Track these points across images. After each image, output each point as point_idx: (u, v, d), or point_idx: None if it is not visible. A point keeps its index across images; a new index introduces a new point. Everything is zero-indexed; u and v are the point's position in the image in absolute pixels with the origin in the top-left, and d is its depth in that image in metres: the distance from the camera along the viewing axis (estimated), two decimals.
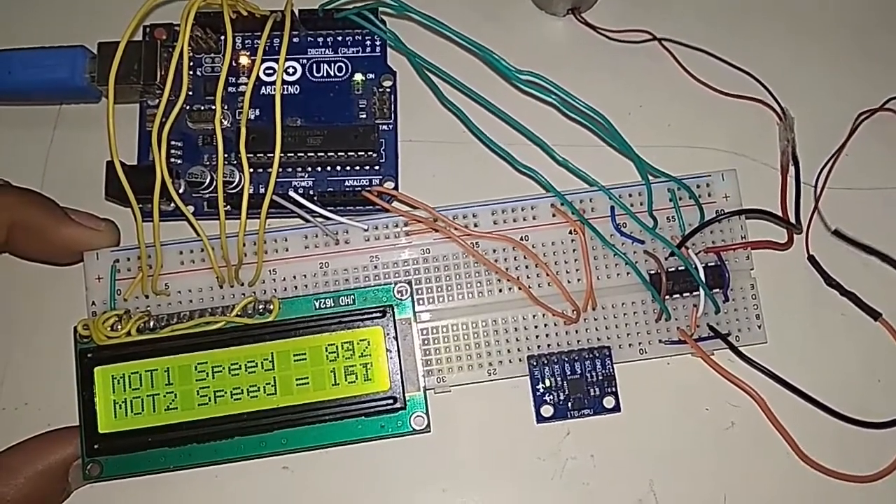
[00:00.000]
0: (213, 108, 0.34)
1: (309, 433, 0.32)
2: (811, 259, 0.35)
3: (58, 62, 0.33)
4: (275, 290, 0.33)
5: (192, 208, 0.34)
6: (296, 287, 0.34)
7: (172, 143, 0.35)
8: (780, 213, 0.34)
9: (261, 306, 0.32)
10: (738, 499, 0.33)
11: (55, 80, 0.34)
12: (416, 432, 0.32)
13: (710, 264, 0.34)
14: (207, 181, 0.34)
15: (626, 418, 0.33)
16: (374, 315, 0.31)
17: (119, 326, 0.31)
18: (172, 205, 0.34)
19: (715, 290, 0.34)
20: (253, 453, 0.32)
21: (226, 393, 0.30)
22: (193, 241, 0.33)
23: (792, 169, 0.34)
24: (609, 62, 0.37)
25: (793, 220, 0.34)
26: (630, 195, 0.34)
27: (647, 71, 0.37)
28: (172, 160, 0.34)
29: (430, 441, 0.33)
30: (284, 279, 0.34)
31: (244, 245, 0.32)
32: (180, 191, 0.35)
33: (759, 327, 0.34)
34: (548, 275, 0.33)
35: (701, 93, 0.36)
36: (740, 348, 0.33)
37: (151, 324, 0.32)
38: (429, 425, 0.32)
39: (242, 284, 0.34)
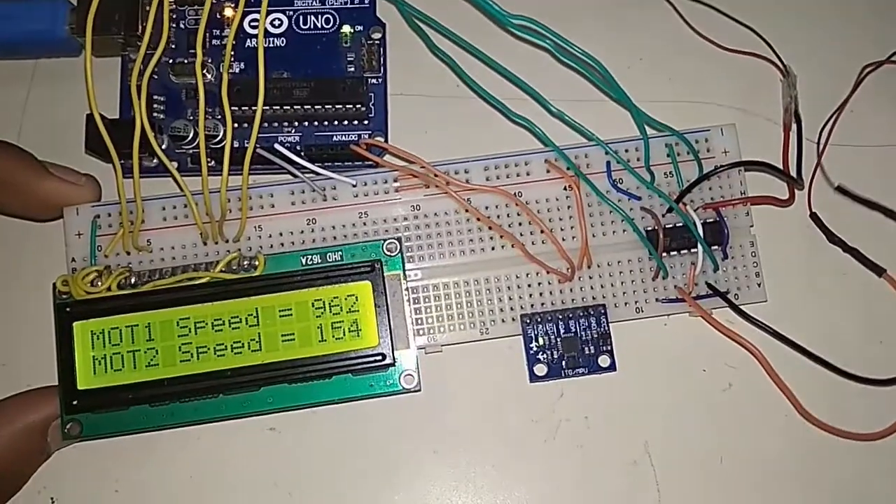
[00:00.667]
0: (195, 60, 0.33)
1: (296, 392, 0.31)
2: (813, 216, 0.34)
3: (38, 13, 0.32)
4: (260, 246, 0.32)
5: (175, 164, 0.33)
6: (282, 244, 0.33)
7: (155, 97, 0.34)
8: (788, 164, 0.33)
9: (245, 262, 0.31)
10: (734, 460, 0.32)
11: (36, 32, 0.33)
12: (406, 391, 0.31)
13: (708, 220, 0.33)
14: (191, 135, 0.33)
15: (621, 378, 0.32)
16: (363, 270, 0.30)
17: (99, 283, 0.30)
18: (155, 160, 0.33)
19: (714, 247, 0.33)
20: (238, 412, 0.31)
21: (209, 349, 0.29)
22: (176, 195, 0.32)
23: (794, 126, 0.33)
24: (609, 14, 0.36)
25: (794, 176, 0.33)
26: (626, 151, 0.34)
27: (648, 23, 0.36)
28: (155, 115, 0.33)
29: (421, 401, 0.32)
30: (270, 236, 0.33)
31: (228, 201, 0.31)
32: (163, 146, 0.34)
33: (759, 285, 0.33)
34: (542, 231, 0.32)
35: (703, 47, 0.35)
36: (740, 306, 0.32)
37: (133, 280, 0.31)
38: (419, 384, 0.31)
39: (227, 241, 0.33)
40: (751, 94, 0.36)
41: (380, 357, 0.30)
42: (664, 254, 0.33)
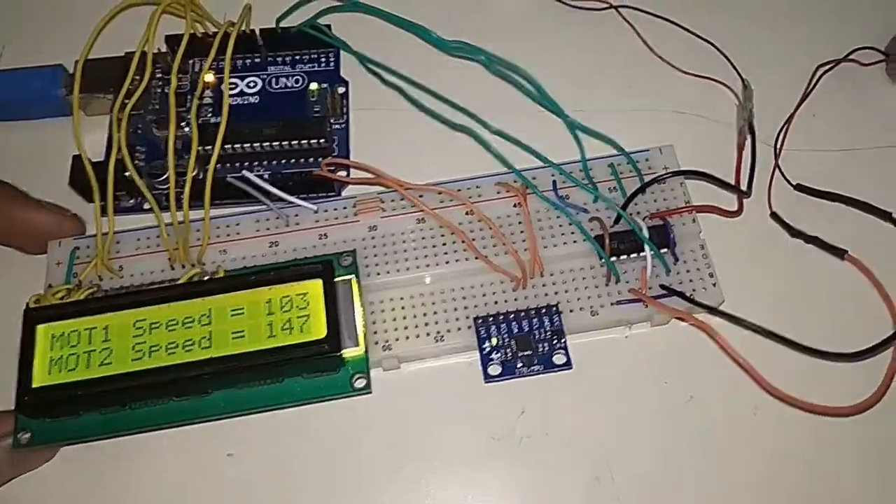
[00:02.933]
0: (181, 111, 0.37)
1: (247, 396, 0.31)
2: (773, 215, 0.34)
3: (38, 79, 0.37)
4: (223, 261, 0.34)
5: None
6: (244, 267, 0.34)
7: (137, 147, 0.37)
8: (722, 178, 0.35)
9: (206, 277, 0.33)
10: (698, 473, 0.30)
11: (35, 95, 0.37)
12: (356, 392, 0.31)
13: (654, 225, 0.34)
14: (166, 174, 0.36)
15: (578, 380, 0.32)
16: (315, 271, 0.31)
17: (68, 299, 0.32)
18: (132, 200, 0.36)
19: (662, 250, 0.33)
20: (189, 417, 0.30)
21: (160, 347, 0.30)
22: (150, 227, 0.35)
23: (749, 139, 0.35)
24: (568, 29, 0.39)
25: (744, 187, 0.34)
26: (571, 172, 0.35)
27: (605, 37, 0.39)
28: (137, 162, 0.37)
29: (378, 418, 0.32)
30: (234, 259, 0.34)
31: (198, 230, 0.34)
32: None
33: (714, 285, 0.33)
34: (494, 234, 0.33)
35: (661, 63, 0.38)
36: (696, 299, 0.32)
37: (100, 295, 0.32)
38: (369, 385, 0.31)
39: (193, 266, 0.34)
40: (709, 106, 0.37)
41: (325, 347, 0.30)
42: (614, 258, 0.33)
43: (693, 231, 0.34)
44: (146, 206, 0.36)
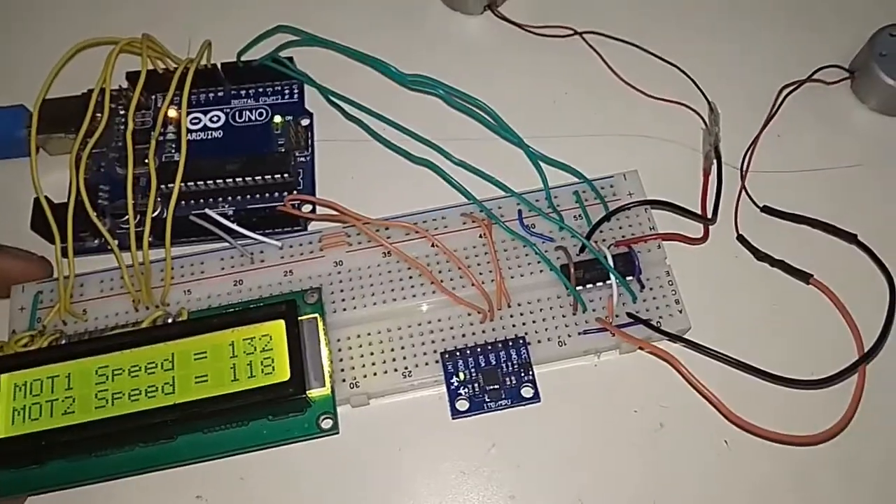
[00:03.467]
0: (143, 148, 0.37)
1: (213, 440, 0.30)
2: (740, 238, 0.34)
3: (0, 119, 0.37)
4: (188, 301, 0.34)
5: (116, 241, 0.36)
6: (209, 306, 0.34)
7: (101, 186, 0.37)
8: (687, 206, 0.35)
9: (169, 319, 0.32)
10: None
11: None
12: (323, 433, 0.30)
13: (619, 253, 0.34)
14: (128, 214, 0.36)
15: (547, 412, 0.31)
16: (277, 311, 0.31)
17: (31, 345, 0.32)
18: (96, 241, 0.36)
19: (628, 278, 0.33)
20: (155, 464, 0.30)
21: (123, 395, 0.30)
22: (114, 269, 0.35)
23: (714, 163, 0.35)
24: (531, 56, 0.39)
25: (710, 214, 0.34)
26: (537, 200, 0.35)
27: (571, 64, 0.39)
28: (100, 201, 0.36)
29: (347, 456, 0.32)
30: (199, 298, 0.34)
31: (161, 270, 0.33)
32: (106, 227, 0.36)
33: (681, 312, 0.33)
34: (459, 268, 0.33)
35: (626, 88, 0.38)
36: (661, 328, 0.32)
37: (63, 341, 0.32)
38: (336, 425, 0.31)
39: (157, 306, 0.34)
40: (675, 128, 0.37)
41: (289, 389, 0.29)
42: (580, 287, 0.33)
43: (659, 258, 0.34)
44: (109, 247, 0.36)
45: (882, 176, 0.36)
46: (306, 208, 0.36)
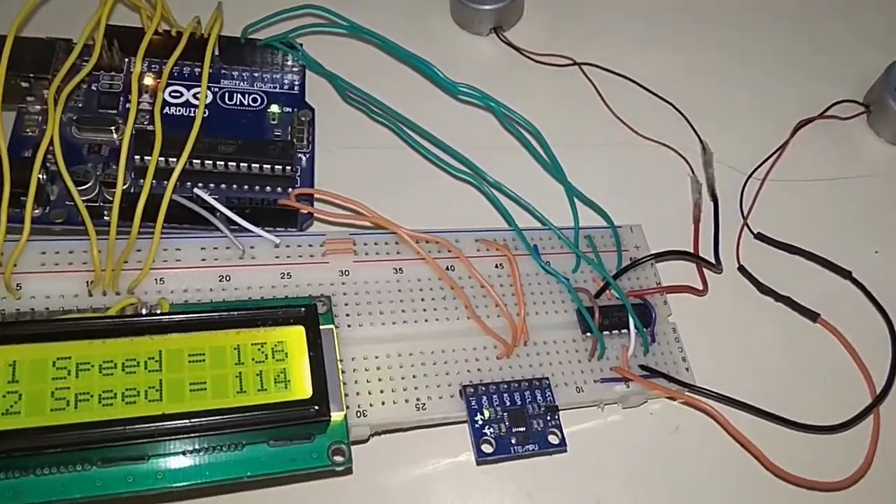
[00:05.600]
0: (111, 113, 0.31)
1: (195, 466, 0.24)
2: (741, 269, 0.35)
3: None
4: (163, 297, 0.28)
5: (64, 216, 0.29)
6: (186, 301, 0.28)
7: (50, 149, 0.30)
8: (699, 253, 0.35)
9: (144, 310, 0.26)
10: None
11: None
12: (333, 468, 0.26)
13: (634, 303, 0.33)
14: (90, 182, 0.29)
15: (573, 464, 0.29)
16: (295, 314, 0.26)
17: None
18: (40, 210, 0.29)
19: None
20: (116, 492, 0.23)
21: (91, 396, 0.23)
22: (64, 239, 0.28)
23: (711, 205, 0.35)
24: (529, 81, 0.38)
25: (712, 259, 0.34)
26: (541, 238, 0.34)
27: (567, 93, 0.38)
28: (49, 164, 0.29)
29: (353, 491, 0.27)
30: (173, 291, 0.28)
31: (138, 250, 0.27)
32: (53, 196, 0.29)
33: (687, 370, 0.33)
34: (487, 295, 0.30)
35: (619, 125, 0.38)
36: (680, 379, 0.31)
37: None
38: (350, 460, 0.26)
39: (118, 293, 0.27)
40: (664, 168, 0.37)
41: (314, 409, 0.25)
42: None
43: (664, 313, 0.34)
44: (56, 220, 0.29)
45: None
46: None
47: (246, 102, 0.34)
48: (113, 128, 0.31)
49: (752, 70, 0.40)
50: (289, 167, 0.31)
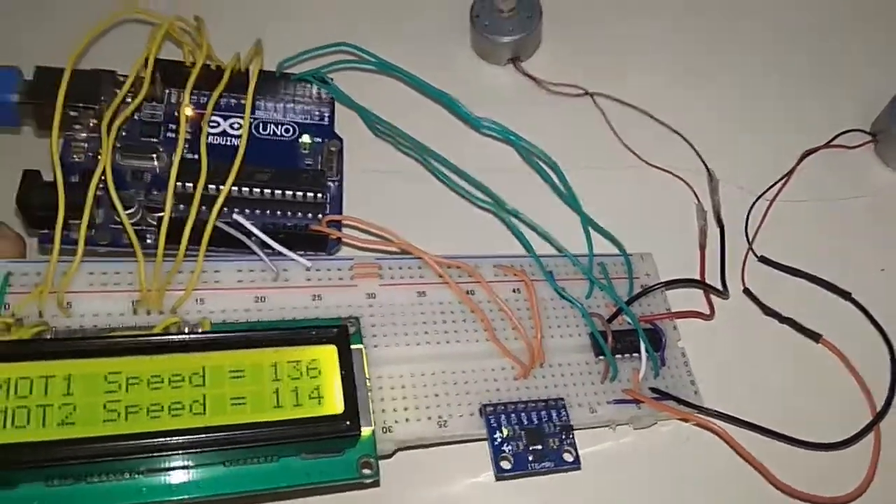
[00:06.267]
0: (152, 141, 0.33)
1: (230, 477, 0.26)
2: (746, 291, 0.36)
3: None
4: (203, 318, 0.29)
5: (108, 239, 0.31)
6: (224, 321, 0.30)
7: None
8: (705, 278, 0.36)
9: (186, 328, 0.28)
10: None
11: None
12: (362, 479, 0.27)
13: (645, 328, 0.35)
14: (135, 208, 0.31)
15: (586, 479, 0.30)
16: (328, 335, 0.28)
17: (7, 335, 0.26)
18: (92, 231, 0.31)
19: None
20: (158, 499, 0.25)
21: (140, 409, 0.25)
22: (110, 260, 0.29)
23: (717, 231, 0.37)
24: (544, 110, 0.40)
25: (719, 284, 0.36)
26: (556, 265, 0.35)
27: (579, 122, 0.40)
28: (98, 192, 0.31)
29: None
30: (212, 311, 0.30)
31: (180, 272, 0.29)
32: (98, 220, 0.31)
33: (696, 393, 0.34)
34: (506, 318, 0.32)
35: (628, 153, 0.39)
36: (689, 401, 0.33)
37: (50, 336, 0.26)
38: (377, 473, 0.27)
39: (162, 313, 0.29)
40: (672, 197, 0.39)
41: (346, 424, 0.26)
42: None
43: (674, 337, 0.36)
44: (102, 242, 0.31)
45: None
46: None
47: (279, 133, 0.36)
48: (154, 155, 0.33)
49: (760, 99, 0.42)
50: (319, 194, 0.33)
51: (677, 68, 0.42)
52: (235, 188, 0.32)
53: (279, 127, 0.36)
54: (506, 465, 0.30)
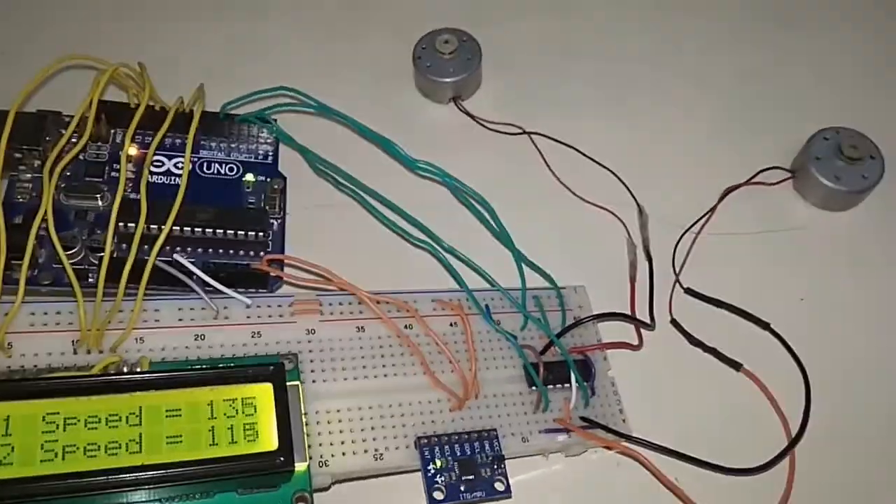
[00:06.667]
0: (97, 181, 0.34)
1: None
2: (673, 322, 0.38)
3: None
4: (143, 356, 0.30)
5: (49, 279, 0.32)
6: (163, 359, 0.31)
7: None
8: (636, 313, 0.38)
9: (125, 368, 0.29)
10: None
11: None
12: None
13: (576, 359, 0.36)
14: (77, 247, 0.32)
15: None
16: (264, 373, 0.29)
17: None
18: (32, 272, 0.31)
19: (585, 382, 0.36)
20: None
21: (77, 448, 0.26)
22: (50, 301, 0.30)
23: (647, 265, 0.39)
24: (486, 149, 0.42)
25: (647, 317, 0.38)
26: (492, 299, 0.37)
27: (519, 159, 0.42)
28: (40, 232, 0.32)
29: None
30: (151, 350, 0.31)
31: (120, 310, 0.30)
32: (41, 260, 0.32)
33: (624, 421, 0.36)
34: (441, 351, 0.33)
35: (563, 189, 0.41)
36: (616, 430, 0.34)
37: None
38: None
39: (101, 352, 0.30)
40: (603, 231, 0.41)
41: (279, 461, 0.27)
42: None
43: (604, 368, 0.37)
44: (44, 282, 0.31)
45: (822, 264, 0.40)
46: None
47: (223, 171, 0.37)
48: (98, 195, 0.34)
49: (685, 138, 0.44)
50: (262, 233, 0.34)
51: (610, 109, 0.45)
52: (177, 227, 0.33)
53: (223, 166, 0.37)
54: (438, 495, 0.31)
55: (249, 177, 0.36)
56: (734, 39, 0.48)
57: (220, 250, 0.34)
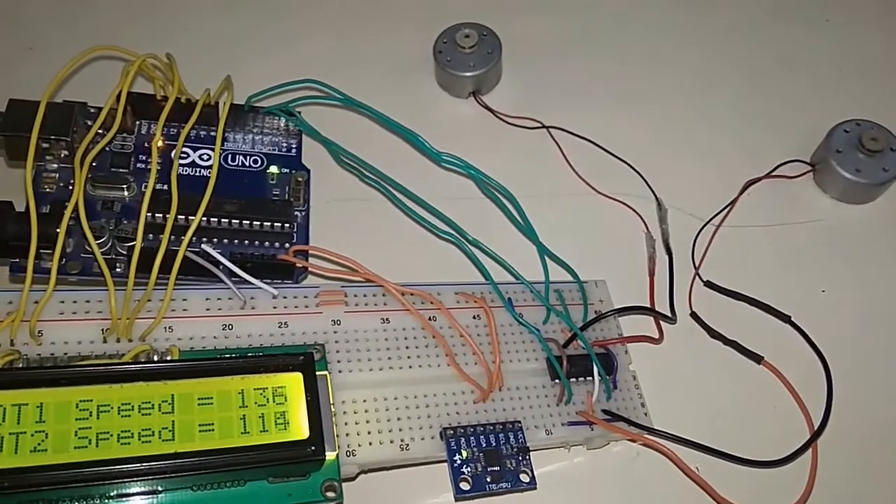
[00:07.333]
0: (123, 172, 0.34)
1: (201, 499, 0.27)
2: (693, 315, 0.38)
3: None
4: (172, 345, 0.30)
5: (79, 267, 0.32)
6: (192, 348, 0.31)
7: (65, 204, 0.33)
8: (655, 307, 0.38)
9: (155, 356, 0.29)
10: None
11: None
12: (327, 502, 0.28)
13: (598, 352, 0.36)
14: (105, 237, 0.32)
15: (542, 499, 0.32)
16: (294, 362, 0.29)
17: None
18: (62, 261, 0.31)
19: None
20: None
21: (111, 436, 0.26)
22: (80, 289, 0.30)
23: (666, 259, 0.39)
24: (502, 142, 0.42)
25: (667, 310, 0.38)
26: (515, 292, 0.37)
27: (539, 153, 0.42)
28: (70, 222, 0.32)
29: None
30: (180, 339, 0.31)
31: (149, 300, 0.30)
32: (68, 249, 0.32)
33: (646, 415, 0.36)
34: (466, 343, 0.33)
35: (581, 183, 0.41)
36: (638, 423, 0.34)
37: (21, 364, 0.27)
38: (341, 495, 0.29)
39: (130, 340, 0.30)
40: (622, 224, 0.41)
41: (310, 450, 0.27)
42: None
43: (625, 362, 0.37)
44: (73, 271, 0.31)
45: (842, 257, 0.40)
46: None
47: (247, 164, 0.37)
48: (125, 186, 0.34)
49: (706, 131, 0.44)
50: (287, 224, 0.34)
51: (628, 103, 0.45)
52: (204, 218, 0.33)
53: (247, 158, 0.37)
54: (465, 486, 0.31)
55: (273, 169, 0.36)
56: (754, 32, 0.48)
57: (246, 241, 0.34)
